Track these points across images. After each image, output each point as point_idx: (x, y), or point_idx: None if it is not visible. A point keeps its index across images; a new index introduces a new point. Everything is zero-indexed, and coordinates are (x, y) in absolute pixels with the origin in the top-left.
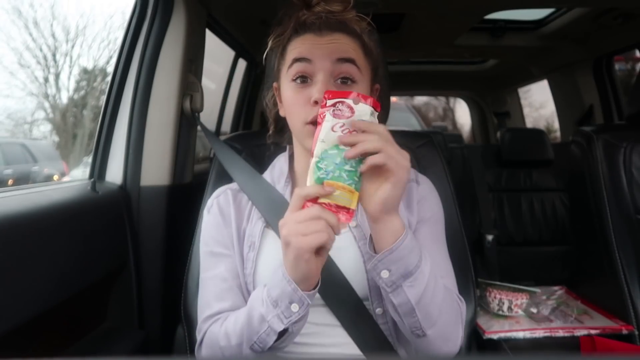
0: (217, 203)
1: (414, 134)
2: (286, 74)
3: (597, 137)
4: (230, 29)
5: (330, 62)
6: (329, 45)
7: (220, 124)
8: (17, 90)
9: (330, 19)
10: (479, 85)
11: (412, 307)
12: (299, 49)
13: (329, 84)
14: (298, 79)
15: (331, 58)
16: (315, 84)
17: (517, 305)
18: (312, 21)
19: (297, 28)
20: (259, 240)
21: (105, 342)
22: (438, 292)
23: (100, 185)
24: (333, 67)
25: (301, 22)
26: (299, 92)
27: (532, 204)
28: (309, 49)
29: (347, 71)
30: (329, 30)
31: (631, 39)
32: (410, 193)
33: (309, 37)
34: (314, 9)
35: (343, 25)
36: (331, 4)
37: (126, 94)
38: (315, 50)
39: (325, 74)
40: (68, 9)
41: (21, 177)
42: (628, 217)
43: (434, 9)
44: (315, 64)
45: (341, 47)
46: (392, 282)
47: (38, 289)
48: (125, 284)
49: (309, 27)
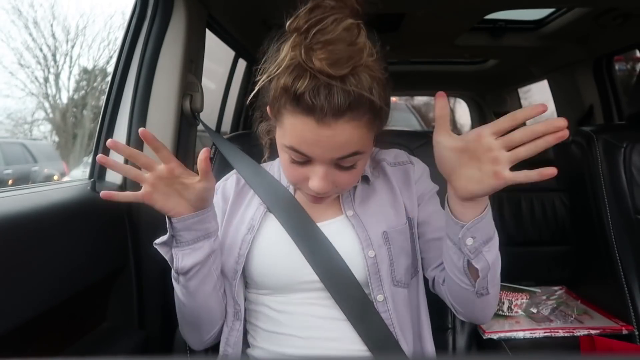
0: (222, 187)
1: (414, 134)
2: (281, 142)
3: (597, 137)
4: (230, 29)
5: (331, 158)
6: (329, 144)
7: (220, 124)
8: (17, 90)
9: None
10: (479, 85)
11: (489, 269)
12: (296, 140)
13: (329, 172)
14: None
15: (333, 155)
16: (313, 172)
17: (517, 305)
18: (311, 101)
19: (294, 98)
20: (258, 223)
21: (105, 342)
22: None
23: (100, 185)
24: (336, 160)
25: (298, 93)
26: (296, 167)
27: (532, 204)
28: (308, 144)
29: (349, 161)
30: (333, 119)
31: (631, 39)
32: (407, 174)
33: (308, 125)
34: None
35: (349, 103)
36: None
37: (126, 94)
38: (314, 148)
39: (324, 166)
40: (68, 9)
41: (21, 177)
42: (628, 217)
43: (434, 9)
44: (315, 158)
45: (346, 142)
46: (475, 248)
47: (38, 289)
48: (125, 284)
49: (309, 111)
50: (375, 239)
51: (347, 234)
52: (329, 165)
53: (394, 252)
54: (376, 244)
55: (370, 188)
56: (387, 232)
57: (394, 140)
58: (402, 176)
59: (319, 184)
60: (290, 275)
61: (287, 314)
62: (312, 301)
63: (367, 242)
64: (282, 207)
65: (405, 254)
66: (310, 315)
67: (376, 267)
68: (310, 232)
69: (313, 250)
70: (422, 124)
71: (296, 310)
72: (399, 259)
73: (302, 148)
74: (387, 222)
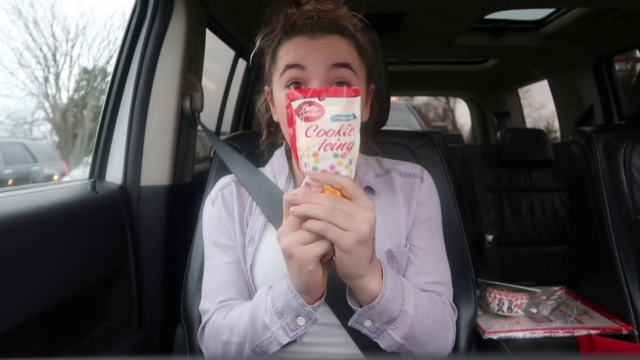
0: (221, 195)
1: (414, 134)
2: (279, 80)
3: (597, 137)
4: (230, 29)
5: (325, 68)
6: (323, 50)
7: (220, 124)
8: (17, 90)
9: (322, 19)
10: (479, 85)
11: (399, 344)
12: (292, 55)
13: (325, 87)
14: (291, 85)
15: (326, 63)
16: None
17: (517, 305)
18: (303, 22)
19: (287, 29)
20: (258, 235)
21: (105, 342)
22: (425, 320)
23: (100, 185)
24: (328, 73)
25: (291, 23)
26: None
27: (532, 204)
28: (302, 54)
29: (342, 75)
30: (322, 32)
31: (631, 39)
32: (412, 190)
33: (301, 41)
34: (303, 7)
35: (336, 26)
36: (322, 2)
37: (126, 94)
38: (308, 56)
39: (320, 80)
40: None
41: (21, 177)
42: (628, 217)
43: (434, 9)
44: (309, 70)
45: (335, 51)
46: (376, 328)
47: (38, 289)
48: (125, 284)
49: (301, 29)
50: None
51: None
52: (324, 82)
53: (396, 271)
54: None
55: (376, 199)
56: (392, 250)
57: (394, 140)
58: (408, 189)
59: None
60: None
61: None
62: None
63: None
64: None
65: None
66: None
67: None
68: None
69: None
70: (422, 124)
71: None
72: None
73: (297, 59)
74: (391, 240)
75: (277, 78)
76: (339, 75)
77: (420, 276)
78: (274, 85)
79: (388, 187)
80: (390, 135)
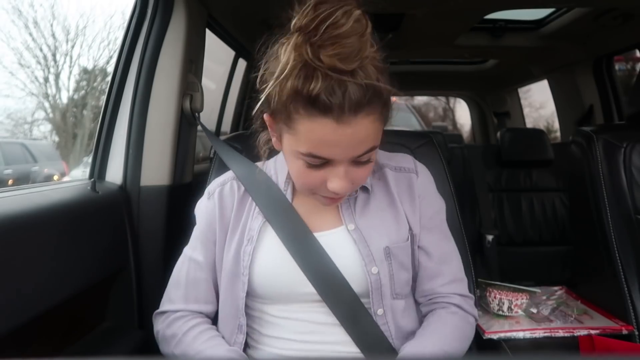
0: (219, 192)
1: (414, 134)
2: (294, 150)
3: (597, 137)
4: (230, 29)
5: (350, 159)
6: (352, 141)
7: (220, 124)
8: (17, 90)
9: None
10: (479, 85)
11: None
12: (315, 144)
13: (349, 170)
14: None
15: (354, 155)
16: (332, 174)
17: (517, 305)
18: (328, 101)
19: (308, 101)
20: (257, 234)
21: (105, 342)
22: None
23: (100, 185)
24: (354, 158)
25: (313, 95)
26: (312, 172)
27: (532, 204)
28: (328, 148)
29: (367, 157)
30: (352, 115)
31: (631, 39)
32: (410, 186)
33: (329, 126)
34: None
35: (365, 97)
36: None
37: (126, 94)
38: (336, 150)
39: (345, 166)
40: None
41: (21, 177)
42: (628, 217)
43: (434, 9)
44: (335, 160)
45: (365, 138)
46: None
47: (38, 289)
48: (125, 284)
49: (327, 110)
50: (377, 255)
51: (349, 248)
52: (348, 165)
53: (394, 267)
54: (378, 260)
55: (371, 198)
56: (390, 247)
57: (394, 140)
58: (405, 186)
59: (340, 184)
60: (288, 287)
61: (286, 319)
62: (310, 309)
63: (370, 259)
64: (279, 217)
65: (405, 268)
66: (308, 322)
67: (379, 282)
68: (307, 244)
69: (309, 261)
70: (422, 124)
71: (295, 317)
72: (399, 273)
73: (322, 151)
74: (389, 237)
75: (292, 142)
76: (363, 158)
77: (434, 280)
78: (285, 142)
79: (382, 184)
80: (390, 135)
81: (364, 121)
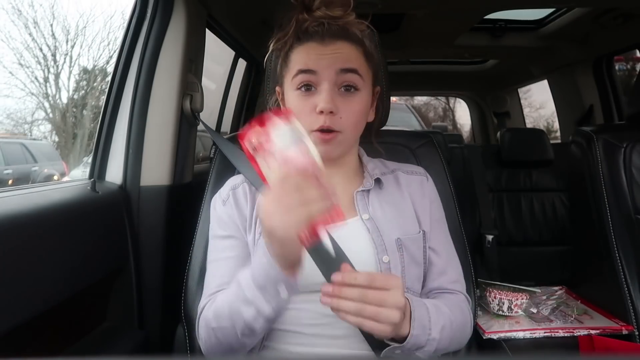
0: (233, 195)
1: (414, 134)
2: (290, 82)
3: (597, 137)
4: (230, 29)
5: (335, 72)
6: (333, 56)
7: (220, 124)
8: (17, 90)
9: (332, 25)
10: (479, 85)
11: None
12: (304, 60)
13: (334, 92)
14: (303, 88)
15: (335, 68)
16: (320, 93)
17: (517, 305)
18: (314, 29)
19: (299, 35)
20: None
21: (105, 342)
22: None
23: (100, 185)
24: (337, 77)
25: (303, 29)
26: (305, 101)
27: (532, 204)
28: (313, 60)
29: (350, 80)
30: (332, 39)
31: (631, 39)
32: (422, 186)
33: (313, 47)
34: (314, 13)
35: (345, 32)
36: (332, 9)
37: (126, 94)
38: (319, 61)
39: (329, 83)
40: (68, 9)
41: (21, 177)
42: (628, 217)
43: (434, 9)
44: (320, 75)
45: (344, 57)
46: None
47: (38, 289)
48: (125, 284)
49: (312, 36)
50: (390, 245)
51: (362, 237)
52: (333, 85)
53: (406, 259)
54: (390, 250)
55: (384, 192)
56: (401, 239)
57: (394, 140)
58: (417, 187)
59: (325, 98)
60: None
61: (295, 310)
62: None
63: (382, 248)
64: None
65: (416, 263)
66: (317, 313)
67: (389, 272)
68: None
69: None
70: (422, 124)
71: (304, 308)
72: (410, 267)
73: (308, 64)
74: (401, 229)
75: (289, 80)
76: (347, 79)
77: (441, 277)
78: (286, 86)
79: (394, 183)
80: (390, 135)
81: (345, 44)
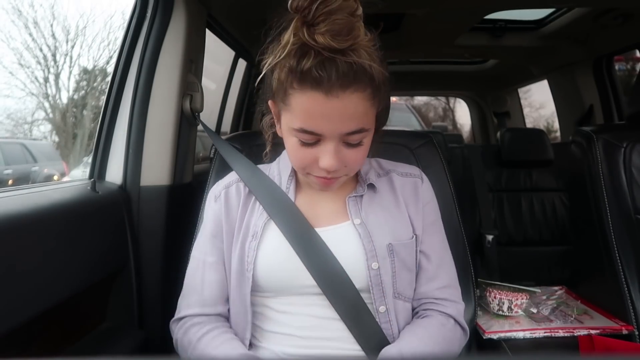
0: (225, 194)
1: (414, 134)
2: (289, 127)
3: (597, 137)
4: (230, 29)
5: (340, 135)
6: (339, 117)
7: (220, 124)
8: (17, 90)
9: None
10: (479, 85)
11: None
12: (306, 118)
13: (339, 148)
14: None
15: (341, 132)
16: (323, 151)
17: (517, 305)
18: (318, 74)
19: (300, 76)
20: (261, 230)
21: (105, 342)
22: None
23: (100, 185)
24: (342, 137)
25: (305, 69)
26: (305, 151)
27: (532, 204)
28: (317, 120)
29: (356, 139)
30: (338, 89)
31: (631, 39)
32: (416, 189)
33: (316, 99)
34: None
35: (352, 72)
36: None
37: (126, 94)
38: (324, 124)
39: (333, 143)
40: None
41: (21, 177)
42: (628, 217)
43: (434, 9)
44: (324, 135)
45: (351, 114)
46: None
47: (38, 289)
48: (125, 284)
49: (316, 83)
50: (380, 251)
51: (352, 243)
52: (338, 142)
53: (397, 265)
54: (380, 256)
55: (377, 196)
56: (393, 244)
57: (394, 140)
58: (410, 189)
59: (329, 160)
60: (290, 279)
61: (287, 314)
62: (311, 302)
63: (372, 254)
64: (282, 214)
65: (408, 268)
66: (309, 316)
67: (379, 278)
68: (309, 239)
69: (311, 255)
70: (422, 124)
71: (296, 311)
72: (401, 272)
73: (312, 125)
74: (393, 234)
75: (287, 119)
76: (353, 139)
77: (430, 283)
78: (284, 121)
79: (388, 186)
80: (390, 135)
81: (353, 97)
